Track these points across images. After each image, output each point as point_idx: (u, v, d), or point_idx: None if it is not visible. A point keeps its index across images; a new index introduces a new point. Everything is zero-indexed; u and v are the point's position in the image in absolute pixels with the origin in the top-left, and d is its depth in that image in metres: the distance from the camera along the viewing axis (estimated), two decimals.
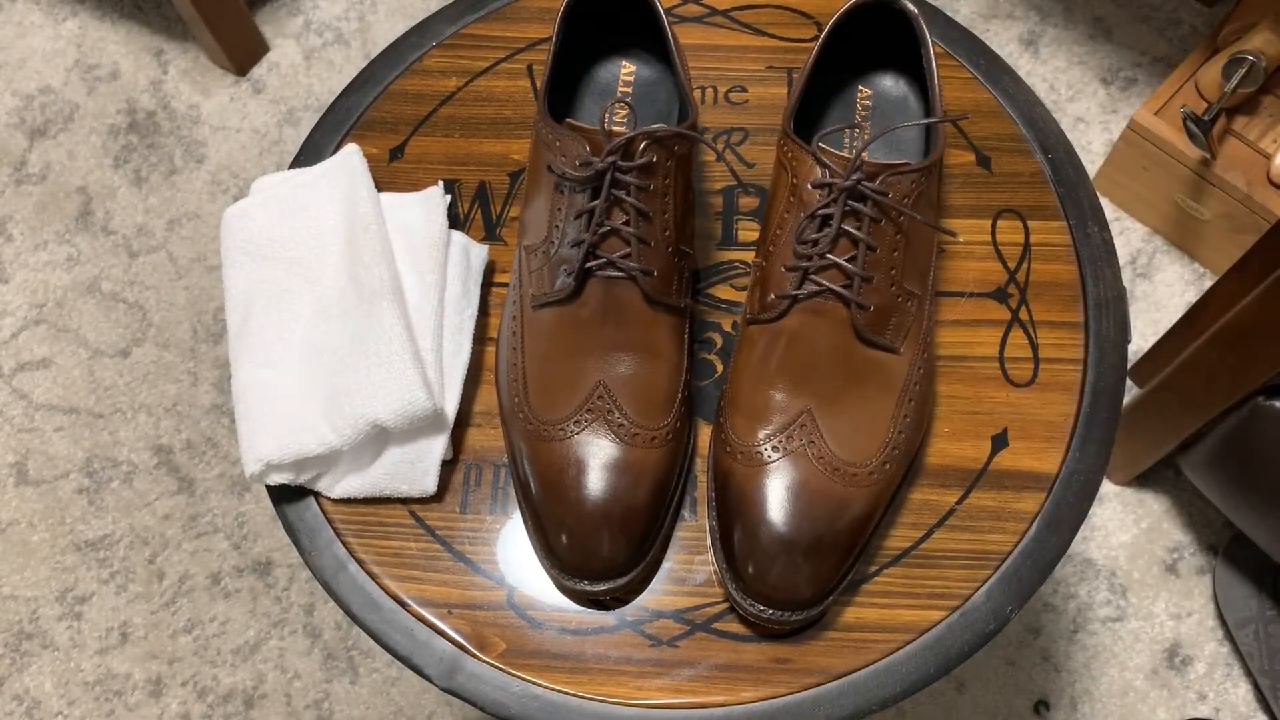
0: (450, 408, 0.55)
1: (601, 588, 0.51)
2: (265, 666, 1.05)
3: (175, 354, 1.18)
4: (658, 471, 0.51)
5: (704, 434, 0.57)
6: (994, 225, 0.62)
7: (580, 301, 0.53)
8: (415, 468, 0.54)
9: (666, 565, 0.54)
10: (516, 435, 0.53)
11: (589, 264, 0.52)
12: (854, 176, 0.51)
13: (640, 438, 0.51)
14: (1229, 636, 1.02)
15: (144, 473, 1.12)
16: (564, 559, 0.50)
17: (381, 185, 0.62)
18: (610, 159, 0.51)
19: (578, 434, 0.51)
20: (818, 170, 0.52)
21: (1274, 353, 0.79)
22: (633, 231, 0.52)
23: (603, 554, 0.50)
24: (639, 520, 0.51)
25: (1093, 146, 1.24)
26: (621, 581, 0.51)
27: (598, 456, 0.50)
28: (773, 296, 0.53)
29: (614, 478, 0.50)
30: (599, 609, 0.53)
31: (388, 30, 1.34)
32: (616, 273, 0.52)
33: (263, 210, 0.60)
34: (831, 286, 0.51)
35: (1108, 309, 0.59)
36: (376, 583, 0.54)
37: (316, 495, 0.56)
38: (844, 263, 0.51)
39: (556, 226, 0.53)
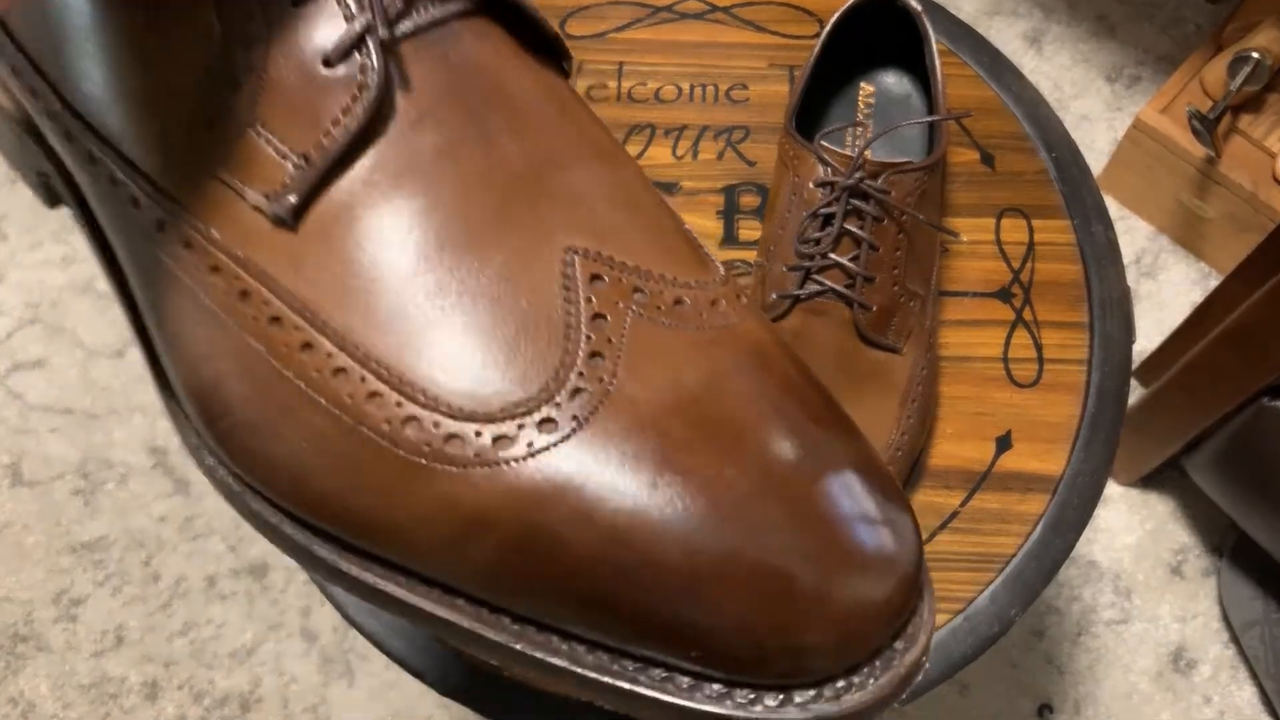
0: None
1: None
2: (262, 670, 1.04)
3: None
4: None
5: None
6: (998, 224, 0.61)
7: None
8: None
9: None
10: None
11: None
12: (856, 175, 0.50)
13: None
14: (1234, 639, 1.02)
15: (139, 474, 1.12)
16: None
17: None
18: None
19: None
20: (820, 169, 0.51)
21: None
22: None
23: None
24: None
25: (1097, 145, 1.24)
26: None
27: None
28: (774, 296, 0.52)
29: None
30: None
31: None
32: None
33: None
34: (833, 286, 0.51)
35: (1112, 309, 0.59)
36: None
37: None
38: (846, 262, 0.51)
39: None
